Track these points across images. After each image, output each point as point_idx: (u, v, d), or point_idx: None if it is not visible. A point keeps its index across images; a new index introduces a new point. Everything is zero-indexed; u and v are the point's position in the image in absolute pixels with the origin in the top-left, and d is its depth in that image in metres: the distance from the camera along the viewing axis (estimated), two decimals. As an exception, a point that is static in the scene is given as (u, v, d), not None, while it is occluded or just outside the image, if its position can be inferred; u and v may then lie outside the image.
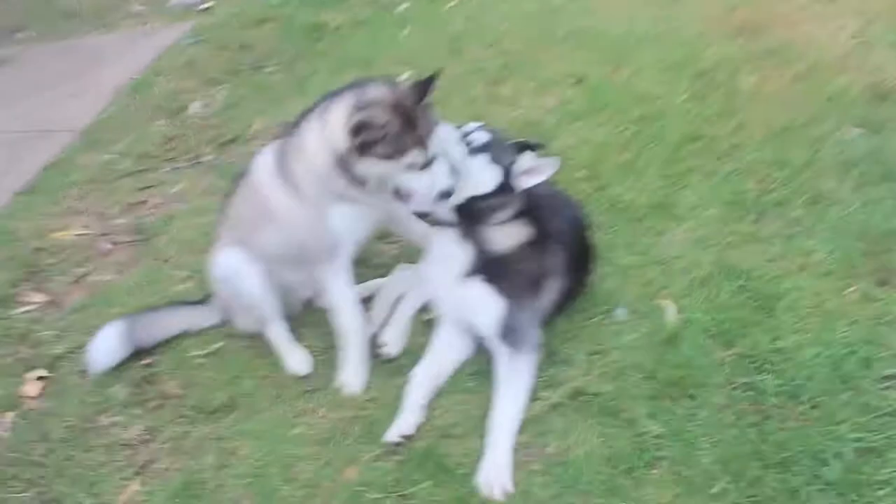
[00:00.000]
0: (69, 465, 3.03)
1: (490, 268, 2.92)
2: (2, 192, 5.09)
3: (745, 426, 2.60)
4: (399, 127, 2.71)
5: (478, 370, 3.03)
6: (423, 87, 2.76)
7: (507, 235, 2.94)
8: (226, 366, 3.34)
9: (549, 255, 3.00)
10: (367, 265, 3.53)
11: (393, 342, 3.22)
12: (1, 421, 3.30)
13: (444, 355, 3.06)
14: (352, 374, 3.12)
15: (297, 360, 3.27)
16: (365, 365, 3.14)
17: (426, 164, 2.81)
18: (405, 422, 2.83)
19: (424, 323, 3.29)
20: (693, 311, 3.04)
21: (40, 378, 3.46)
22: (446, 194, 2.88)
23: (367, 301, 3.41)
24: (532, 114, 4.53)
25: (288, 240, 3.13)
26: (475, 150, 2.90)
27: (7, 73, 7.42)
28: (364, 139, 2.72)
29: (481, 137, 2.93)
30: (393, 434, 2.79)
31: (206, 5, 8.04)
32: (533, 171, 2.88)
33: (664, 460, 2.57)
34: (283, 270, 3.27)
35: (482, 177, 2.89)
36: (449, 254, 2.99)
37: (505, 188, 2.90)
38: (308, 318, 3.47)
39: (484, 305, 2.91)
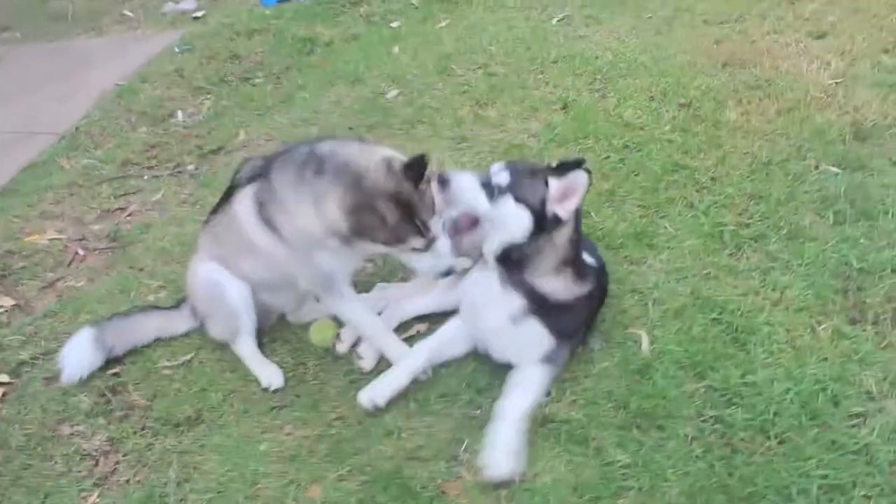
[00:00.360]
0: (27, 474, 2.99)
1: (548, 311, 2.85)
2: (-22, 193, 5.04)
3: (713, 459, 2.59)
4: (398, 216, 2.70)
5: (445, 392, 3.01)
6: (418, 168, 2.68)
7: (560, 284, 2.84)
8: (194, 378, 3.31)
9: (594, 300, 3.02)
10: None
11: (369, 357, 3.20)
12: (-41, 426, 3.25)
13: (447, 345, 3.06)
14: (400, 360, 3.09)
15: (269, 373, 3.24)
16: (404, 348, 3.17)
17: (428, 246, 2.81)
18: (382, 392, 2.87)
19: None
20: (666, 341, 3.04)
21: (1, 384, 3.41)
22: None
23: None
24: (517, 137, 4.53)
25: (271, 271, 3.13)
26: (498, 196, 2.72)
27: (-10, 73, 7.38)
28: (363, 227, 2.74)
29: (502, 179, 2.75)
30: (366, 398, 2.84)
31: (199, 13, 8.03)
32: (565, 195, 2.72)
33: (631, 490, 2.56)
34: (264, 292, 3.27)
35: (513, 221, 2.73)
36: (493, 299, 2.89)
37: (543, 225, 2.73)
38: (279, 334, 3.46)
39: (533, 344, 2.89)
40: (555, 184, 2.72)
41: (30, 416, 3.23)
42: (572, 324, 2.93)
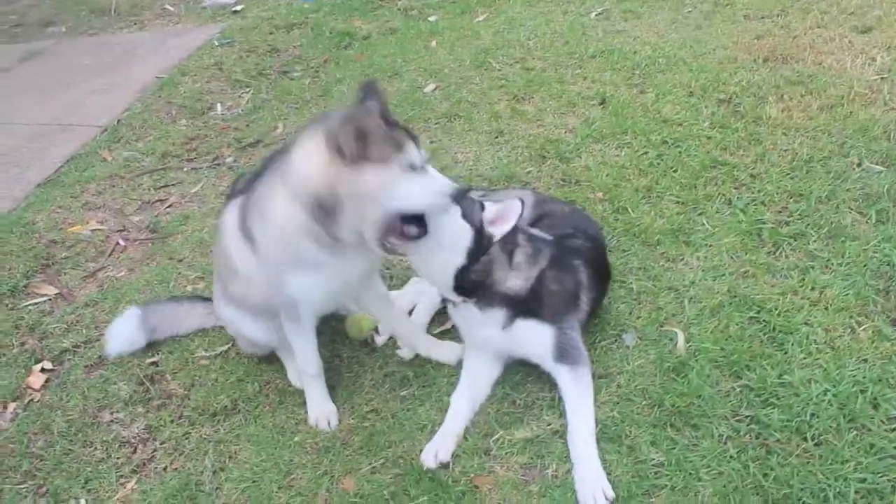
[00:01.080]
0: (68, 459, 3.05)
1: (524, 304, 2.84)
2: (24, 184, 5.16)
3: (748, 460, 2.56)
4: (385, 127, 2.38)
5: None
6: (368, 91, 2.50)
7: (520, 277, 2.83)
8: (230, 368, 3.35)
9: (575, 271, 2.98)
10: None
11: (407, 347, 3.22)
12: (3, 412, 3.33)
13: (477, 379, 3.00)
14: (318, 410, 3.05)
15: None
16: (327, 399, 3.06)
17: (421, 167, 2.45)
18: (442, 448, 2.77)
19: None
20: (702, 339, 3.01)
21: (45, 370, 3.49)
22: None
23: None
24: (554, 132, 4.52)
25: (251, 293, 2.96)
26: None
27: (36, 67, 7.54)
28: (357, 146, 2.32)
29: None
30: (429, 457, 2.75)
31: (238, 7, 8.11)
32: (499, 219, 2.71)
33: (663, 489, 2.54)
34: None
35: (459, 234, 2.67)
36: (480, 322, 2.87)
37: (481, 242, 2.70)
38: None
39: (534, 339, 2.87)
40: (490, 209, 2.72)
41: (71, 402, 3.30)
42: (554, 299, 2.88)
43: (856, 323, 2.97)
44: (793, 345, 2.92)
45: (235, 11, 8.02)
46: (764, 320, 3.04)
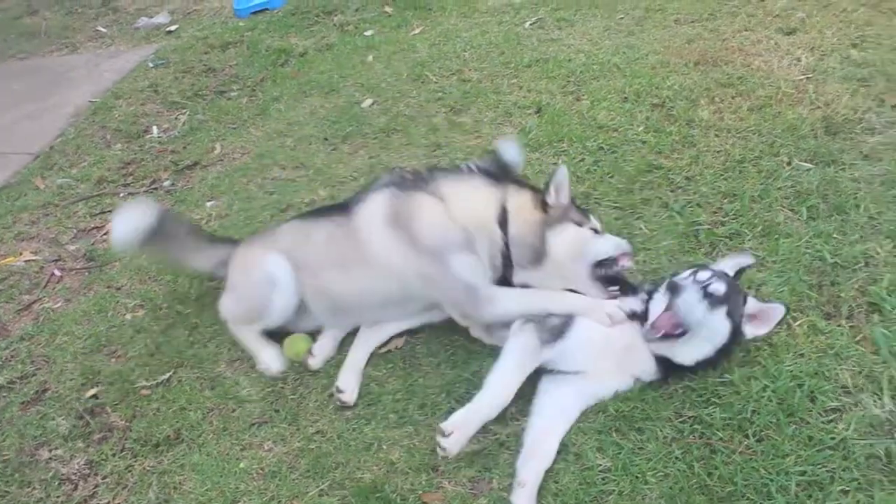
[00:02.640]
0: (3, 501, 2.96)
1: None
2: (-48, 216, 4.99)
3: (692, 460, 2.60)
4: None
5: (425, 402, 3.01)
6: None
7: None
8: (173, 397, 3.30)
9: None
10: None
11: (349, 389, 3.13)
12: (-65, 454, 3.22)
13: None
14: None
15: (269, 356, 3.31)
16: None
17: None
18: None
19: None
20: (644, 342, 3.03)
21: (-22, 409, 3.38)
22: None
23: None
24: (491, 143, 4.51)
25: (383, 285, 3.24)
26: (714, 304, 2.73)
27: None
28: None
29: (719, 289, 2.75)
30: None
31: (172, 27, 8.00)
32: (759, 320, 2.82)
33: (611, 495, 2.57)
34: (332, 312, 3.39)
35: (719, 332, 2.76)
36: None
37: (736, 339, 2.81)
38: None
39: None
40: (753, 305, 2.83)
41: (7, 441, 3.21)
42: None
43: (791, 319, 3.02)
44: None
45: (170, 32, 7.91)
46: (704, 321, 3.08)
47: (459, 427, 2.67)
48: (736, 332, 2.77)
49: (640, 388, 2.85)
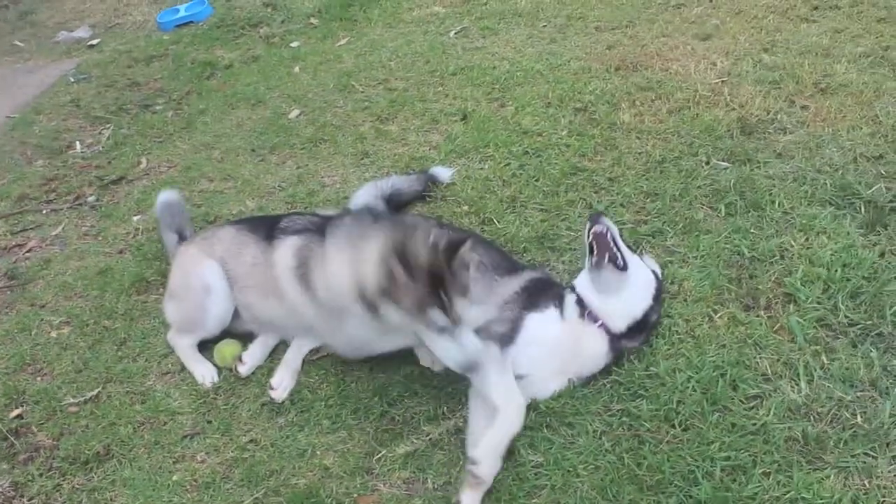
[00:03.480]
0: (-77, 528, 2.87)
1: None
2: None
3: (622, 451, 2.67)
4: (426, 283, 2.57)
5: (357, 407, 3.02)
6: (453, 249, 2.61)
7: None
8: (102, 413, 3.25)
9: None
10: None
11: (281, 386, 3.15)
12: None
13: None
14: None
15: (203, 370, 3.33)
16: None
17: (451, 325, 2.63)
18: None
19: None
20: (572, 340, 3.10)
21: None
22: None
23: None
24: (418, 150, 4.57)
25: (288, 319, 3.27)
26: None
27: None
28: (391, 280, 2.60)
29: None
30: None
31: (94, 41, 7.85)
32: None
33: (543, 489, 2.62)
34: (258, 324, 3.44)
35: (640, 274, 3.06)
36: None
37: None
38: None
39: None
40: None
41: (-75, 466, 3.10)
42: None
43: (713, 311, 3.13)
44: (657, 337, 3.05)
45: (91, 45, 7.76)
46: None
47: (489, 454, 2.63)
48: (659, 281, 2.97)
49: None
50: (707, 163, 4.00)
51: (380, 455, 2.81)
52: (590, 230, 3.04)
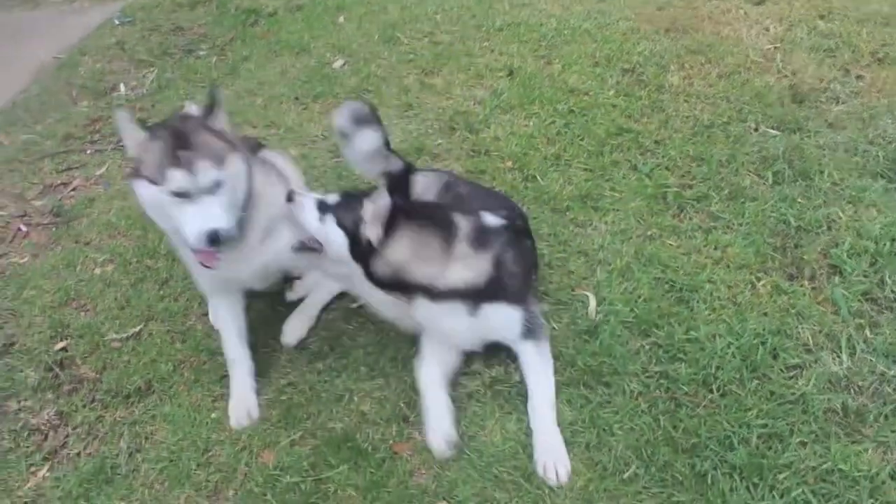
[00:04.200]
0: (-28, 452, 2.95)
1: (487, 290, 2.73)
2: (-87, 170, 4.90)
3: (658, 413, 2.66)
4: (165, 145, 2.48)
5: (395, 356, 3.04)
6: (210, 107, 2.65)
7: (470, 268, 2.70)
8: (143, 349, 3.30)
9: (529, 251, 3.03)
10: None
11: (291, 332, 3.20)
12: None
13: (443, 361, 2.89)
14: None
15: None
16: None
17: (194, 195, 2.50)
18: (444, 429, 2.68)
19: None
20: (612, 301, 3.10)
21: (-55, 363, 3.35)
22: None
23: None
24: (463, 104, 4.54)
25: None
26: (324, 212, 2.73)
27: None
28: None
29: (331, 199, 2.77)
30: (440, 443, 2.64)
31: (138, -15, 7.85)
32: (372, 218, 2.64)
33: (578, 446, 2.62)
34: None
35: (333, 241, 2.72)
36: (442, 314, 2.74)
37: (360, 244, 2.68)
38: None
39: (503, 323, 2.81)
40: (368, 207, 2.66)
41: (-25, 393, 3.19)
42: (515, 281, 2.80)
43: (755, 279, 3.10)
44: (698, 302, 3.03)
45: (136, -11, 7.77)
46: (670, 280, 3.15)
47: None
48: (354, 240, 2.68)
49: (607, 344, 2.90)
50: (756, 129, 3.94)
51: (416, 404, 2.83)
52: None
